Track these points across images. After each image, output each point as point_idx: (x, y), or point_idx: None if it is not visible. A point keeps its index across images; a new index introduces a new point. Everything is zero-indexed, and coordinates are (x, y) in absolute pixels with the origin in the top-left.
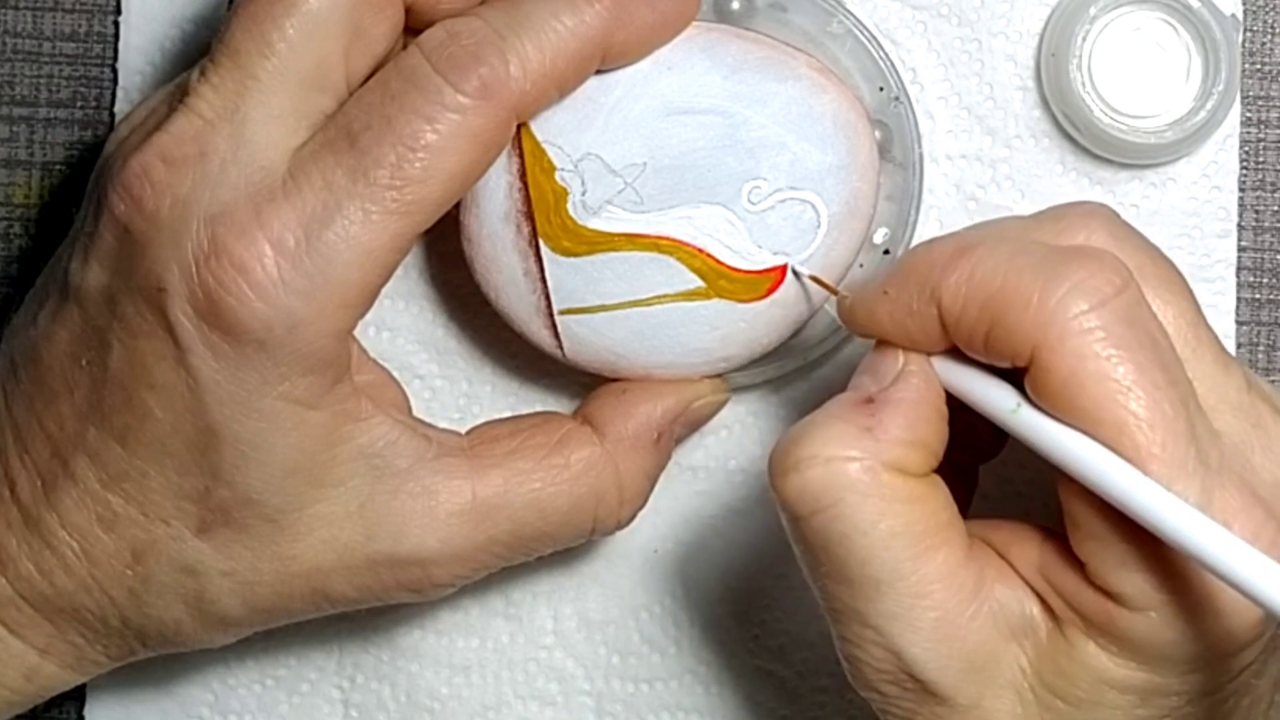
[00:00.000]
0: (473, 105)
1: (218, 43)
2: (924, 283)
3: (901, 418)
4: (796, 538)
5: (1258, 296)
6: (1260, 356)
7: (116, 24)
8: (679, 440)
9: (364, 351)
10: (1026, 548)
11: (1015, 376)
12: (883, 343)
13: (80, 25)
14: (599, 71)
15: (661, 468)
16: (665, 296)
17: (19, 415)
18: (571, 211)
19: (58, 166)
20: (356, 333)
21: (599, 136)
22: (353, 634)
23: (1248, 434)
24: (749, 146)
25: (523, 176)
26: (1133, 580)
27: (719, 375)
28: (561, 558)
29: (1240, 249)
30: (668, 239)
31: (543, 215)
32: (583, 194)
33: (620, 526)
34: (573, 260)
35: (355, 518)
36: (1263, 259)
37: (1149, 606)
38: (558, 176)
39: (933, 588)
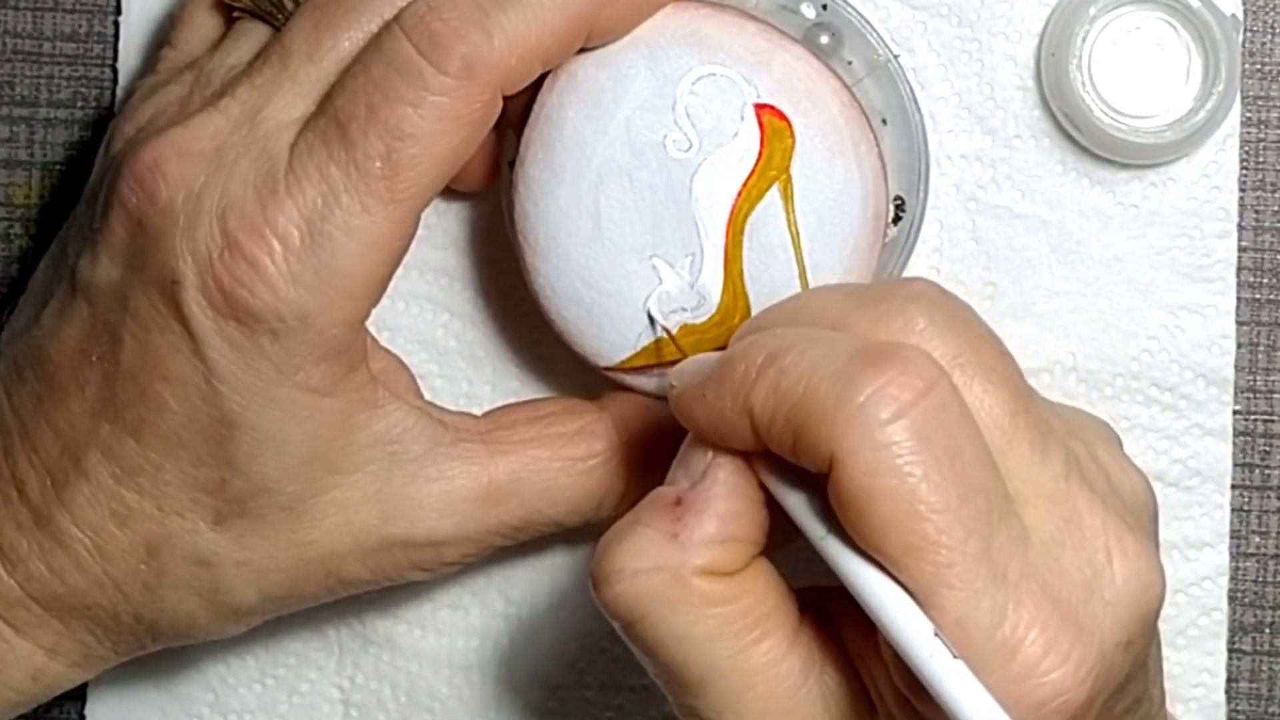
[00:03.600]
0: (456, 85)
1: (275, 40)
2: (736, 393)
3: (710, 519)
4: (626, 641)
5: (1258, 296)
6: (1260, 357)
7: (116, 24)
8: None
9: (375, 339)
10: (853, 631)
11: None
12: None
13: (80, 25)
14: (584, 49)
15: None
16: None
17: (25, 415)
18: None
19: (58, 166)
20: None
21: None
22: (353, 634)
23: (1060, 529)
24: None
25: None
26: (926, 698)
27: None
28: (563, 558)
29: (1240, 249)
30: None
31: None
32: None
33: (617, 517)
34: None
35: (372, 502)
36: (1263, 259)
37: None
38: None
39: (755, 680)
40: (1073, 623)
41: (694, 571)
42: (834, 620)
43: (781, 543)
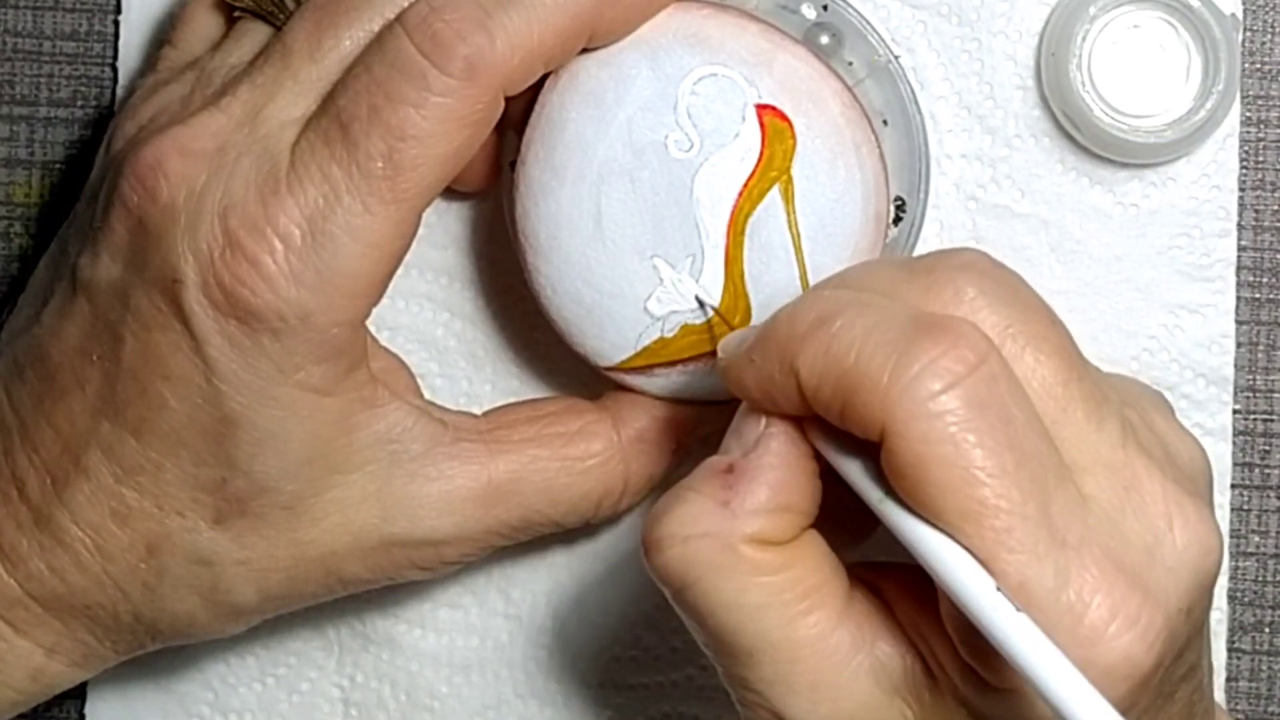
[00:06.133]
0: (458, 86)
1: (276, 39)
2: (784, 355)
3: (762, 487)
4: (676, 608)
5: (1258, 296)
6: (1260, 356)
7: (116, 23)
8: (692, 454)
9: (375, 339)
10: (908, 604)
11: None
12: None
13: (80, 24)
14: (585, 50)
15: (668, 473)
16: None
17: (25, 414)
18: None
19: (58, 166)
20: None
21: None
22: (353, 634)
23: (1119, 497)
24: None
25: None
26: (992, 662)
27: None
28: (562, 558)
29: (1240, 249)
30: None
31: None
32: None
33: (615, 518)
34: None
35: (371, 501)
36: (1263, 259)
37: (1010, 687)
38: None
39: (805, 652)
40: (1139, 588)
41: (744, 539)
42: (886, 595)
43: (858, 538)
